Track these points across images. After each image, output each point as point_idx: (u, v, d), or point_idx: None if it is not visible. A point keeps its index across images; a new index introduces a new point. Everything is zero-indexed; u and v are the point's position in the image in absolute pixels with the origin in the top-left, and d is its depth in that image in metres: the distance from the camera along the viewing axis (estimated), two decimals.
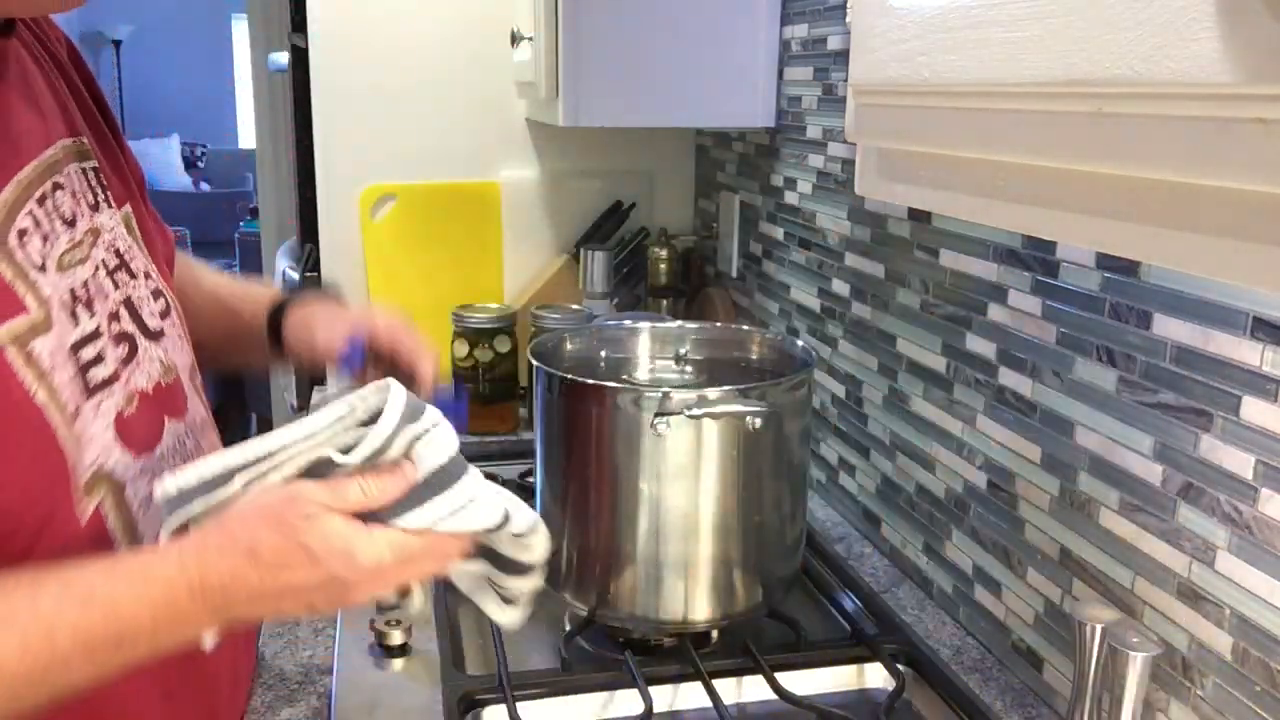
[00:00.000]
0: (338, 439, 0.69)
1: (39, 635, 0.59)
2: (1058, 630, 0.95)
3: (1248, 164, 0.42)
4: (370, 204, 1.79)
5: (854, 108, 0.74)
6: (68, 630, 0.60)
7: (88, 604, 0.61)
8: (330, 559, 0.65)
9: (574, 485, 1.00)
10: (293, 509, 0.65)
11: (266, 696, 0.96)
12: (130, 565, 0.65)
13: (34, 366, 0.65)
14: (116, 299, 0.76)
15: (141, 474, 0.74)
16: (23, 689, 0.60)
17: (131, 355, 0.76)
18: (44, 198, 0.71)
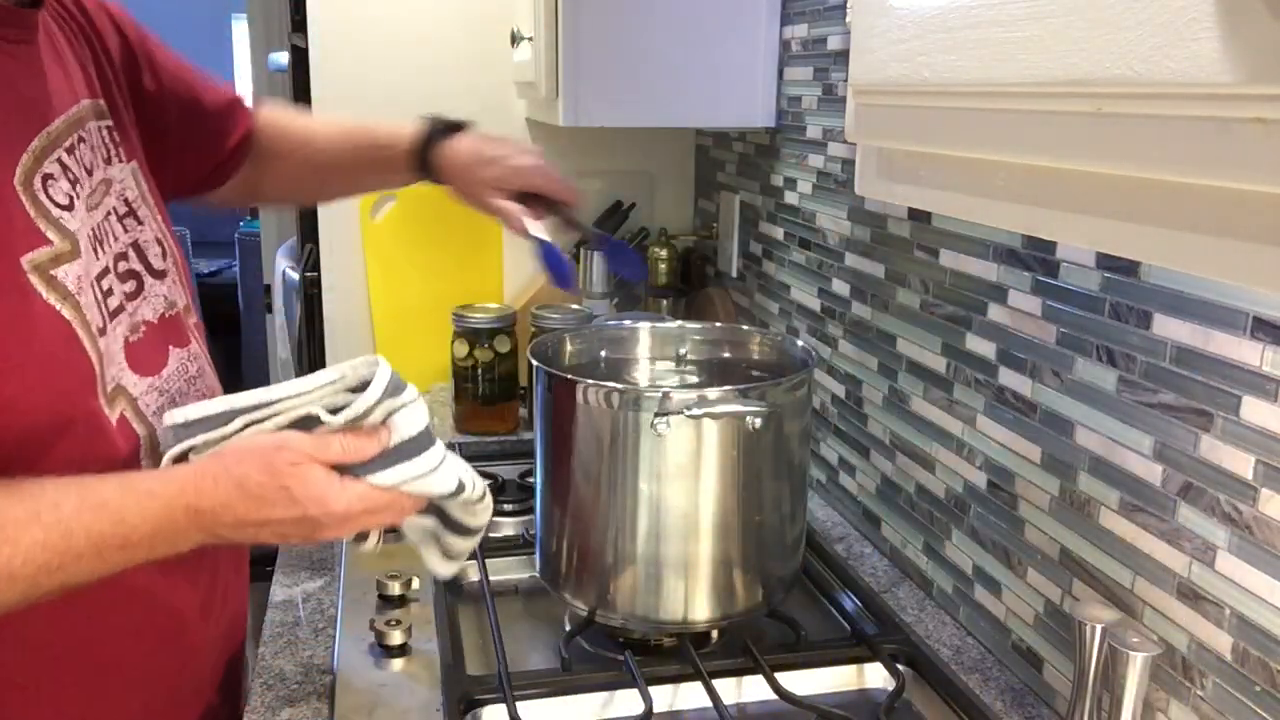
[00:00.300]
0: (327, 399, 0.79)
1: (59, 533, 0.69)
2: (1058, 630, 0.95)
3: (1248, 164, 0.42)
4: (370, 204, 1.79)
5: (854, 108, 0.74)
6: (82, 532, 0.70)
7: (99, 511, 0.71)
8: (307, 502, 0.76)
9: (574, 485, 1.00)
10: (280, 455, 0.76)
11: (266, 696, 0.96)
12: (138, 484, 0.74)
13: (57, 289, 0.74)
14: (125, 241, 0.86)
15: (149, 390, 0.83)
16: (42, 577, 0.69)
17: (139, 291, 0.86)
18: (71, 148, 0.80)
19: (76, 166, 0.80)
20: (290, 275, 2.23)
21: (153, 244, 0.90)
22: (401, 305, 1.83)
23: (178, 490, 0.74)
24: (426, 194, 1.89)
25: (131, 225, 0.88)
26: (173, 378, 0.88)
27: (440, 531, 0.89)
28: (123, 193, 0.87)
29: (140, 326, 0.85)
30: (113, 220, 0.85)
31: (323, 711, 0.94)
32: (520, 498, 1.35)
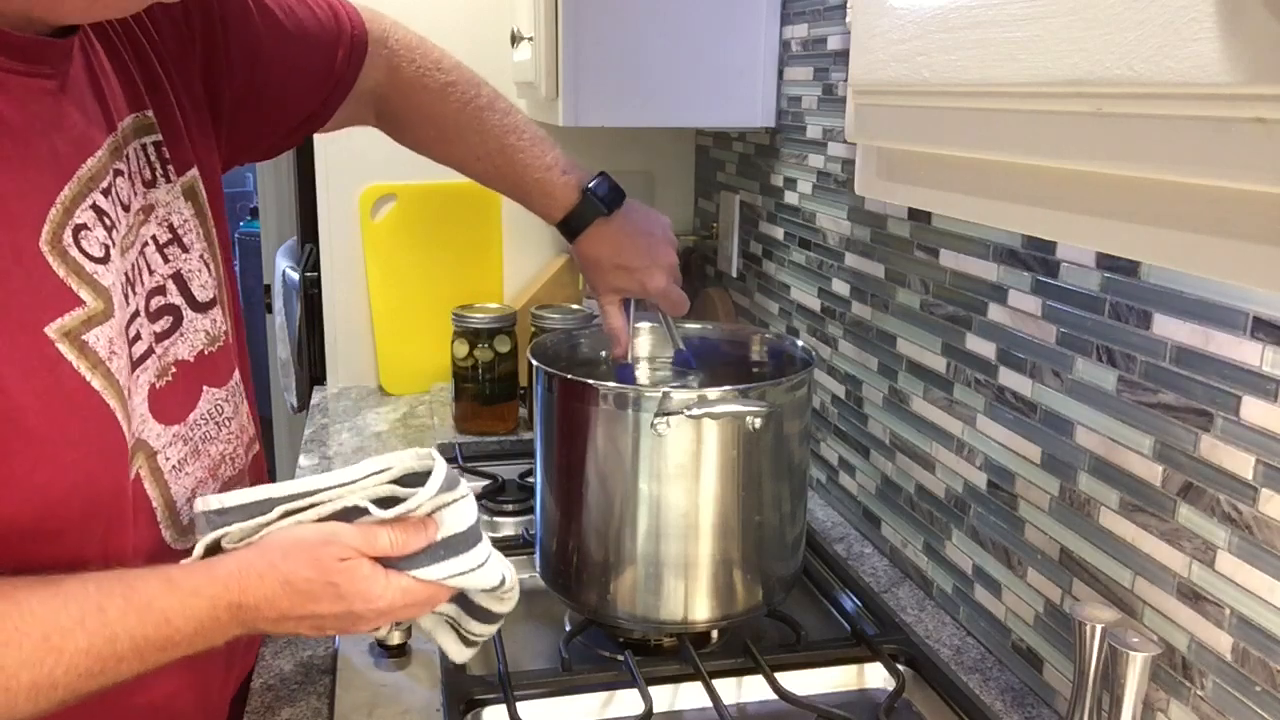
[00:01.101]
0: (371, 491, 0.78)
1: (103, 638, 0.67)
2: (1058, 630, 0.95)
3: (1248, 164, 0.42)
4: (370, 204, 1.79)
5: (854, 108, 0.74)
6: (126, 637, 0.68)
7: (144, 613, 0.69)
8: (354, 598, 0.75)
9: (574, 485, 1.00)
10: (328, 550, 0.75)
11: (266, 697, 0.96)
12: (182, 582, 0.72)
13: (89, 356, 0.70)
14: (165, 273, 0.81)
15: (173, 441, 0.79)
16: (82, 683, 0.67)
17: (174, 328, 0.81)
18: (108, 189, 0.74)
19: (113, 208, 0.74)
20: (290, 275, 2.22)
21: (198, 272, 0.85)
22: (401, 305, 1.83)
23: (222, 588, 0.72)
24: (427, 194, 1.89)
25: (174, 253, 0.82)
26: (200, 422, 0.83)
27: (461, 618, 0.88)
28: (167, 217, 0.82)
29: (170, 369, 0.80)
30: (150, 252, 0.79)
31: (323, 711, 0.94)
32: (520, 498, 1.35)
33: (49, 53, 0.70)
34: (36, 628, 0.65)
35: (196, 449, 0.83)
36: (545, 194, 1.13)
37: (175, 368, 0.80)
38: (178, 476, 0.80)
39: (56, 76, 0.71)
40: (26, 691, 0.64)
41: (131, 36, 0.82)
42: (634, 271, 1.12)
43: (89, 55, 0.76)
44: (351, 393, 1.88)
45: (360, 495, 0.77)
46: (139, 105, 0.81)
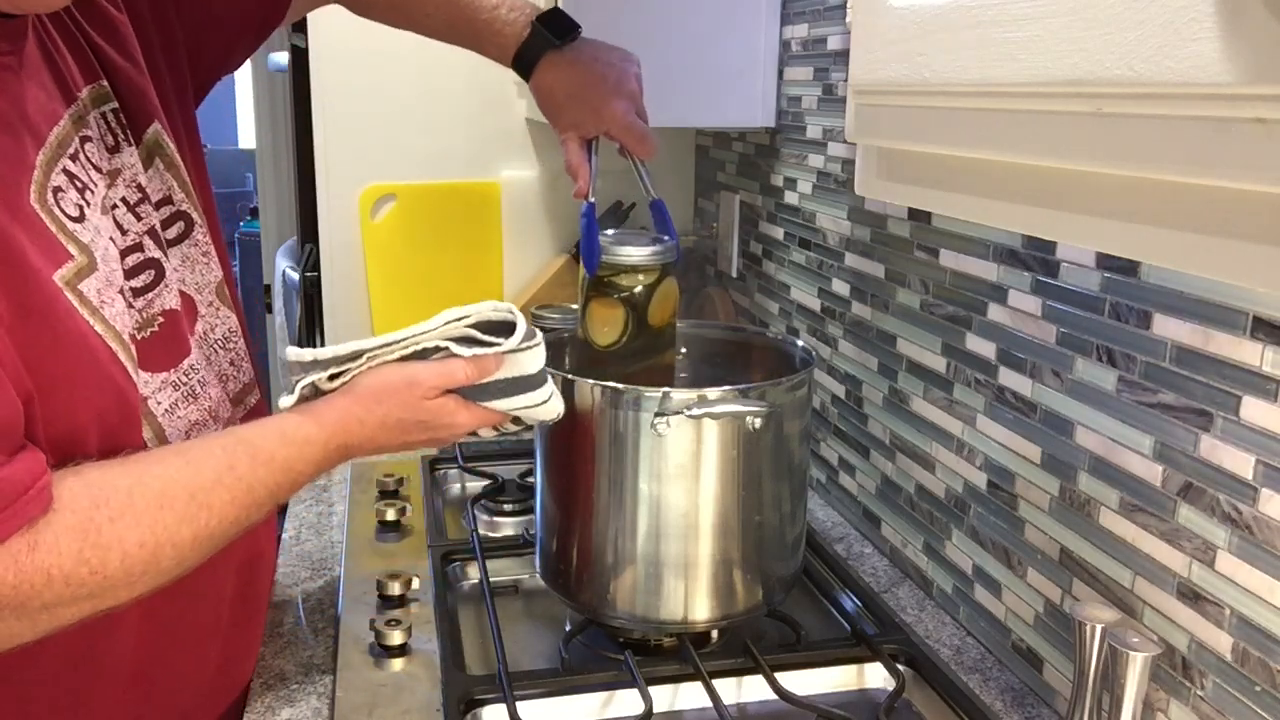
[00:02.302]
0: (448, 332, 0.88)
1: (241, 491, 0.76)
2: (1058, 630, 0.95)
3: (1248, 164, 0.42)
4: (370, 204, 1.79)
5: (854, 108, 0.74)
6: (260, 487, 0.78)
7: (270, 465, 0.79)
8: (439, 429, 0.87)
9: (574, 485, 1.00)
10: (414, 391, 0.85)
11: (266, 697, 0.96)
12: (294, 433, 0.81)
13: (87, 304, 0.74)
14: (139, 230, 0.85)
15: (162, 386, 0.84)
16: (232, 529, 0.77)
17: (158, 280, 0.85)
18: (75, 154, 0.79)
19: (83, 171, 0.79)
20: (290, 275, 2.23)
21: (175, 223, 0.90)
22: (401, 305, 1.83)
23: (330, 434, 0.82)
24: (427, 194, 1.89)
25: (146, 211, 0.86)
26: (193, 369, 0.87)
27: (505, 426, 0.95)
28: (134, 179, 0.86)
29: (157, 319, 0.84)
30: (121, 213, 0.83)
31: (323, 711, 0.94)
32: (520, 498, 1.35)
33: (6, 30, 0.73)
34: (182, 490, 0.73)
35: (192, 393, 0.86)
36: (495, 33, 1.10)
37: (163, 317, 0.84)
38: (170, 420, 0.84)
39: (14, 53, 0.74)
40: (190, 544, 0.73)
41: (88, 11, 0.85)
42: (589, 102, 1.06)
43: (40, 34, 0.80)
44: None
45: (440, 337, 0.87)
46: (93, 76, 0.84)
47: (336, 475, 1.49)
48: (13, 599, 0.65)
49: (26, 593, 0.66)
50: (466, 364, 0.86)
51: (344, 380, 0.86)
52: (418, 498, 1.36)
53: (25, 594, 0.66)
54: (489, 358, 0.87)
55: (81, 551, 0.68)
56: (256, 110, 3.18)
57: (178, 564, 0.73)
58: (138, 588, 0.72)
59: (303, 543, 1.28)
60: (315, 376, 0.86)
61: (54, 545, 0.67)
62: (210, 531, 0.75)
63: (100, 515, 0.69)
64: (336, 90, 1.77)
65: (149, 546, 0.71)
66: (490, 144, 1.85)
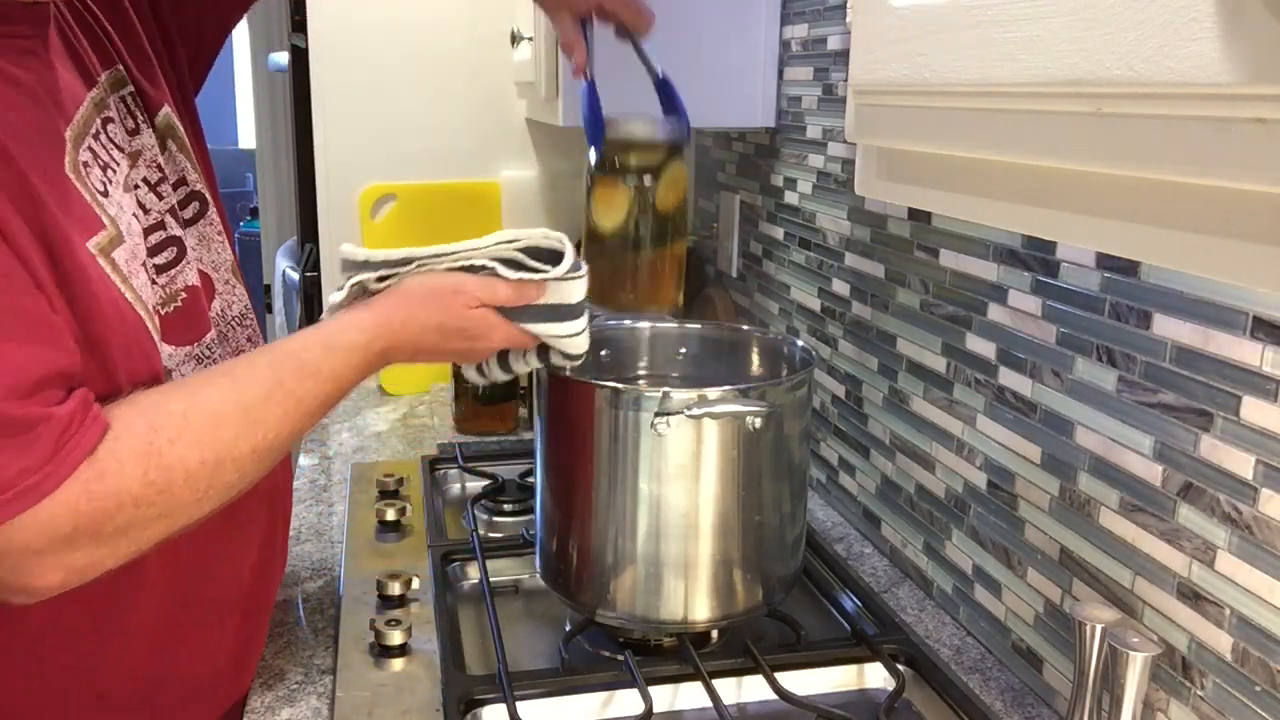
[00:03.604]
0: (497, 253, 0.88)
1: (292, 403, 0.78)
2: (1058, 630, 0.95)
3: (1248, 164, 0.42)
4: (370, 204, 1.79)
5: (854, 108, 0.74)
6: (309, 397, 0.80)
7: (317, 377, 0.80)
8: (476, 339, 0.88)
9: (574, 485, 1.00)
10: (458, 299, 0.87)
11: (266, 697, 0.96)
12: (338, 340, 0.83)
13: (119, 272, 0.77)
14: (161, 209, 0.88)
15: (186, 359, 0.86)
16: (288, 440, 0.79)
17: (180, 257, 0.88)
18: (98, 133, 0.82)
19: (105, 150, 0.82)
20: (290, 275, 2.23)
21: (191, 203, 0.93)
22: None
23: (373, 337, 0.84)
24: (427, 194, 1.89)
25: (166, 191, 0.89)
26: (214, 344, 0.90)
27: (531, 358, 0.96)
28: (154, 159, 0.89)
29: (180, 295, 0.86)
30: (144, 193, 0.86)
31: (323, 711, 0.94)
32: (520, 498, 1.35)
33: (29, 14, 0.76)
34: (234, 408, 0.75)
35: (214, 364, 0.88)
36: None
37: (185, 293, 0.87)
38: None
39: (38, 37, 0.77)
40: (250, 458, 0.76)
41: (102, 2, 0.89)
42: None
43: (60, 22, 0.83)
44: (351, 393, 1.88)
45: (487, 256, 0.88)
46: (109, 62, 0.87)
47: (336, 475, 1.49)
48: (89, 527, 0.68)
49: (100, 519, 0.68)
50: (509, 286, 0.88)
51: (391, 283, 0.88)
52: (418, 498, 1.36)
53: (100, 520, 0.68)
54: (531, 285, 0.88)
55: (146, 474, 0.70)
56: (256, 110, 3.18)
57: (240, 477, 0.76)
58: (206, 504, 0.74)
59: (303, 543, 1.28)
60: (365, 276, 0.88)
61: (119, 470, 0.69)
62: (268, 444, 0.77)
63: (159, 438, 0.71)
64: (336, 90, 1.77)
65: (210, 464, 0.73)
66: (490, 144, 1.85)
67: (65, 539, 0.67)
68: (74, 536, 0.67)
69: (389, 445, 1.61)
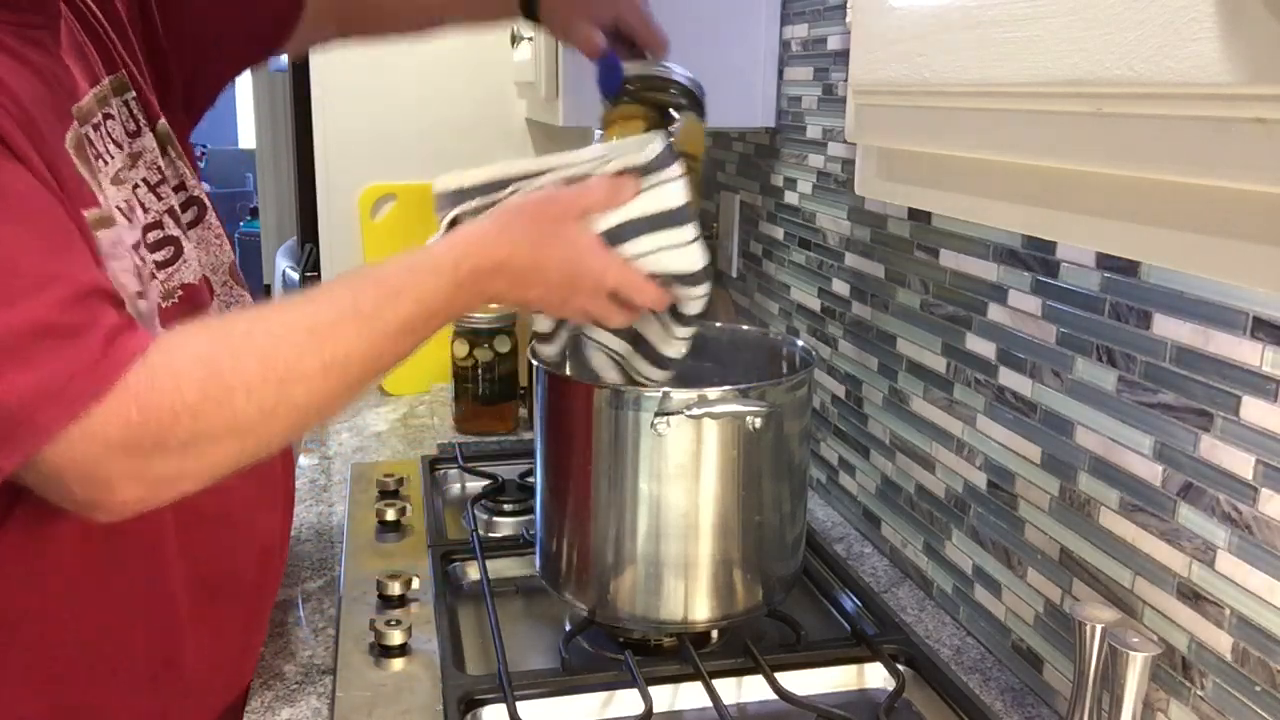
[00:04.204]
0: (595, 166, 0.84)
1: (369, 327, 0.75)
2: (1058, 630, 0.95)
3: (1248, 164, 0.42)
4: (370, 204, 1.79)
5: (854, 108, 0.74)
6: (393, 319, 0.77)
7: (398, 297, 0.77)
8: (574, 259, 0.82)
9: (574, 485, 1.00)
10: (550, 207, 0.82)
11: (266, 696, 0.96)
12: (423, 265, 0.80)
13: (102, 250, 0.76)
14: (160, 209, 0.88)
15: None
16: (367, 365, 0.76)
17: (177, 256, 0.88)
18: (98, 125, 0.83)
19: (102, 143, 0.82)
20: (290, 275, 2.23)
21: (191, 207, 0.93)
22: None
23: (460, 255, 0.80)
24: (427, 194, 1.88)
25: (165, 192, 0.90)
26: None
27: (631, 357, 0.92)
28: (154, 161, 0.90)
29: (176, 292, 0.86)
30: (143, 192, 0.87)
31: (323, 711, 0.94)
32: (520, 498, 1.35)
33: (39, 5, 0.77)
34: (301, 327, 0.73)
35: None
36: None
37: (182, 290, 0.87)
38: None
39: (48, 29, 0.79)
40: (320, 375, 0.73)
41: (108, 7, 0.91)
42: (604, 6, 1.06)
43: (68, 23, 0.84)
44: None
45: (585, 168, 0.84)
46: (114, 67, 0.88)
47: (336, 475, 1.49)
48: (149, 436, 0.67)
49: (157, 429, 0.67)
50: (603, 182, 0.84)
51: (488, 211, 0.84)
52: (418, 498, 1.36)
53: (158, 430, 0.67)
54: (626, 179, 0.83)
55: (204, 386, 0.68)
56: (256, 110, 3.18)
57: (311, 397, 0.73)
58: (277, 424, 0.73)
59: (303, 543, 1.28)
60: (463, 209, 0.84)
61: (174, 381, 0.68)
62: (340, 362, 0.74)
63: (219, 351, 0.70)
64: (336, 90, 1.77)
65: (274, 380, 0.71)
66: (490, 144, 1.85)
67: (124, 448, 0.66)
68: (133, 446, 0.66)
69: (389, 445, 1.61)
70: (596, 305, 0.85)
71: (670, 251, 0.84)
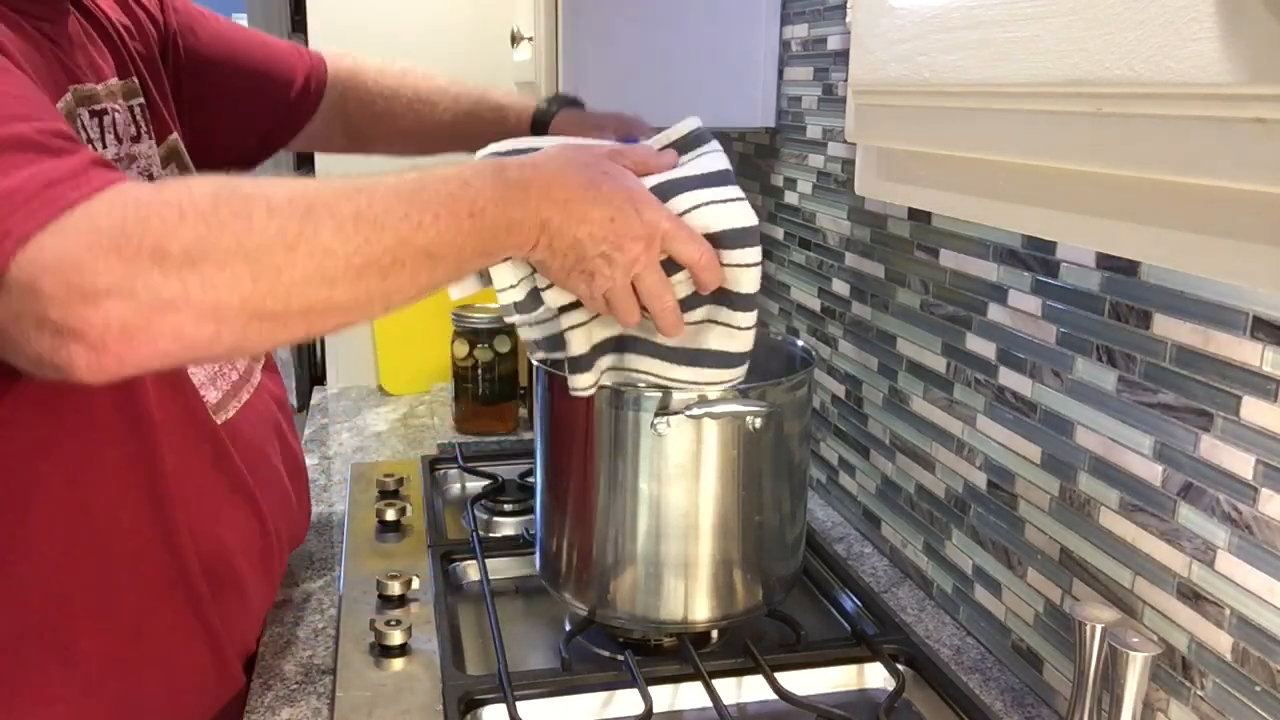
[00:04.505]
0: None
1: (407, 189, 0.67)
2: (1058, 630, 0.95)
3: (1248, 164, 0.42)
4: None
5: (854, 108, 0.74)
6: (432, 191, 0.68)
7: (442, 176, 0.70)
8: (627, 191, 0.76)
9: (574, 485, 1.00)
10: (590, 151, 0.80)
11: (266, 697, 0.96)
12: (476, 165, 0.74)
13: None
14: None
15: None
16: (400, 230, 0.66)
17: None
18: (100, 114, 0.83)
19: (97, 129, 0.83)
20: None
21: None
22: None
23: (510, 164, 0.74)
24: None
25: None
26: None
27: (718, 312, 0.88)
28: (147, 169, 0.90)
29: None
30: None
31: (323, 711, 0.94)
32: (520, 498, 1.35)
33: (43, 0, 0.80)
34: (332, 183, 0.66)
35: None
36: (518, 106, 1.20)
37: None
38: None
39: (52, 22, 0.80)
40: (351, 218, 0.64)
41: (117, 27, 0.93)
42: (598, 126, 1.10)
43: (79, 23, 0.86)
44: (351, 393, 1.88)
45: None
46: (126, 73, 0.90)
47: (336, 475, 1.49)
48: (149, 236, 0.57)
49: (160, 228, 0.58)
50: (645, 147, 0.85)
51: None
52: (418, 498, 1.36)
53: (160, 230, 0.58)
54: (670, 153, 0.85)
55: (219, 193, 0.61)
56: None
57: (338, 241, 0.63)
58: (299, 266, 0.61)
59: (303, 543, 1.28)
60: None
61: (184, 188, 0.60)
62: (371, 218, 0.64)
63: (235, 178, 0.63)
64: None
65: (299, 204, 0.62)
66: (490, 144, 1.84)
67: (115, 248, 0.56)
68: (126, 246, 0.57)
69: (389, 445, 1.61)
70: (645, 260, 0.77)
71: (719, 206, 0.81)
